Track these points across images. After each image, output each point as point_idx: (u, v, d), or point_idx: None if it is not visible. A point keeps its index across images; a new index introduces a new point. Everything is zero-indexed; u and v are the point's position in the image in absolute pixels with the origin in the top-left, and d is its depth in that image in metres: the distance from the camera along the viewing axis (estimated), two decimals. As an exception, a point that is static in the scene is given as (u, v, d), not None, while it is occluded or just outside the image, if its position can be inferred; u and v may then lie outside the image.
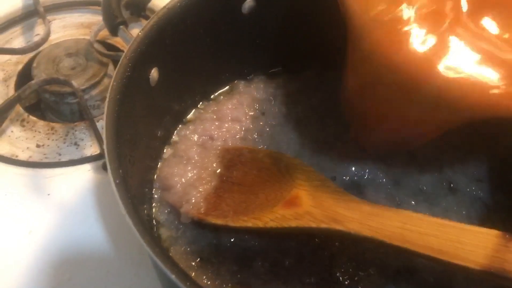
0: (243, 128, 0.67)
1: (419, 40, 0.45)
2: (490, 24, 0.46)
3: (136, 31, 0.55)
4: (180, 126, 0.67)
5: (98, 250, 0.63)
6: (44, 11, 0.88)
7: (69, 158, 0.72)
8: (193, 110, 0.69)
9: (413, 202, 0.59)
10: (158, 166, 0.63)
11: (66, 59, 0.81)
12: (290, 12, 0.68)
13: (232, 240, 0.56)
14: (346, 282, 0.53)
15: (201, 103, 0.70)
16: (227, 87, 0.72)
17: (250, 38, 0.68)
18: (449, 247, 0.43)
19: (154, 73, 0.56)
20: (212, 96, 0.71)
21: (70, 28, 0.89)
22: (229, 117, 0.68)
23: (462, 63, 0.44)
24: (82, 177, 0.70)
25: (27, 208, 0.66)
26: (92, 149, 0.73)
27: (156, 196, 0.60)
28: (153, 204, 0.59)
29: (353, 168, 0.62)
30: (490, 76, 0.43)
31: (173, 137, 0.66)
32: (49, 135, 0.75)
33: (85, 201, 0.67)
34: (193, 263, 0.54)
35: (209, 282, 0.52)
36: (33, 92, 0.77)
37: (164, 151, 0.64)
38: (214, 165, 0.62)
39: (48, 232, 0.64)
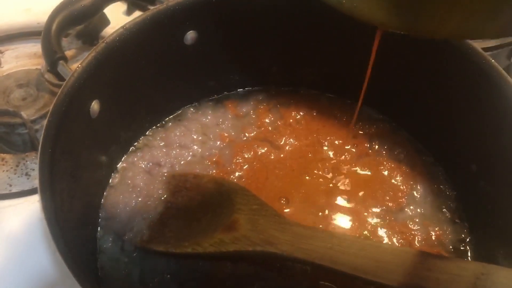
0: (191, 154, 0.69)
1: None
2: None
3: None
4: (127, 153, 0.68)
5: (48, 281, 0.64)
6: (-4, 42, 0.88)
7: (20, 189, 0.73)
8: (141, 137, 0.70)
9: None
10: (105, 193, 0.64)
11: (17, 90, 0.81)
12: (232, 39, 0.70)
13: (176, 264, 0.58)
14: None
15: (149, 130, 0.71)
16: (175, 114, 0.74)
17: (195, 66, 0.70)
18: (371, 266, 0.45)
19: (94, 105, 0.57)
20: (160, 123, 0.72)
21: (22, 58, 0.90)
22: (177, 144, 0.70)
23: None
24: (32, 207, 0.70)
25: (-25, 242, 0.66)
26: (43, 179, 0.74)
27: (101, 223, 0.61)
28: (98, 232, 0.60)
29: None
30: None
31: (121, 164, 0.67)
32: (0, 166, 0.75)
33: (34, 232, 0.67)
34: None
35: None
36: (-17, 124, 0.77)
37: (111, 179, 0.65)
38: (160, 192, 0.63)
39: (-3, 264, 0.64)
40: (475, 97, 0.59)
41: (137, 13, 0.96)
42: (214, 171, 0.66)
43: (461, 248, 0.60)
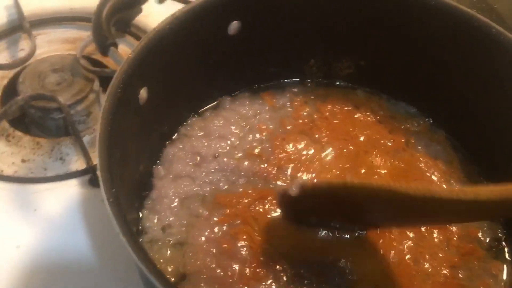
0: (230, 144, 0.69)
1: None
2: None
3: (122, 47, 0.56)
4: (168, 142, 0.69)
5: (86, 264, 0.64)
6: (30, 26, 0.88)
7: (55, 173, 0.73)
8: (180, 127, 0.71)
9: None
10: (148, 180, 0.64)
11: (52, 74, 0.81)
12: (272, 31, 0.70)
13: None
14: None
15: (188, 119, 0.72)
16: (213, 103, 0.74)
17: (236, 56, 0.70)
18: None
19: (143, 92, 0.57)
20: (199, 111, 0.73)
21: (55, 43, 0.90)
22: (216, 134, 0.70)
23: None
24: (68, 192, 0.70)
25: (14, 224, 0.66)
26: (77, 164, 0.74)
27: (146, 207, 0.62)
28: (142, 214, 0.61)
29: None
30: None
31: (162, 152, 0.67)
32: (34, 150, 0.76)
33: (71, 216, 0.68)
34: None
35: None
36: (18, 107, 0.78)
37: (154, 166, 0.66)
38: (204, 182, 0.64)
39: (36, 246, 0.65)
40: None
41: (168, 2, 0.96)
42: (258, 166, 0.66)
43: (498, 245, 0.61)
